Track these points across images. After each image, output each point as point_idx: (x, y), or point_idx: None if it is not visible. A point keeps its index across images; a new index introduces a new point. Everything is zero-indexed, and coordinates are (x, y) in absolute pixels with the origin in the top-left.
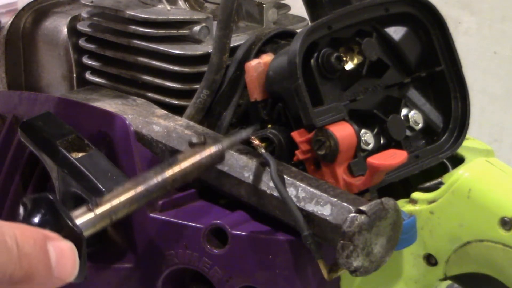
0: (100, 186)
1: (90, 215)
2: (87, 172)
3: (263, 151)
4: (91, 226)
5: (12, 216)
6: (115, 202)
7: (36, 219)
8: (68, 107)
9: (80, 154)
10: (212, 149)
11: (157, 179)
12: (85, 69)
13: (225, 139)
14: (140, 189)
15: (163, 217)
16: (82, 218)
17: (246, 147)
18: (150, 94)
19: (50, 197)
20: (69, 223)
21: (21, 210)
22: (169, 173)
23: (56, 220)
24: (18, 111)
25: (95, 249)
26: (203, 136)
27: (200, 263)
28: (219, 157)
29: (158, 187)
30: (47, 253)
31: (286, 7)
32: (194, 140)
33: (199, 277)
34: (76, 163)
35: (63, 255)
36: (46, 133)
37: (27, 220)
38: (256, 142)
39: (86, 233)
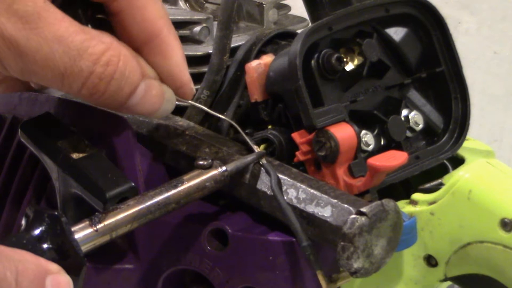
0: (100, 187)
1: (91, 231)
2: (87, 173)
3: (264, 161)
4: (90, 242)
5: (11, 218)
6: (117, 220)
7: (45, 246)
8: (68, 107)
9: (81, 155)
10: (217, 173)
11: (160, 199)
12: None
13: (231, 163)
14: (142, 208)
15: (163, 218)
16: (82, 233)
17: (246, 149)
18: None
19: (57, 215)
20: (76, 251)
21: (24, 221)
22: (173, 194)
23: (63, 246)
24: (18, 111)
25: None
26: (210, 159)
27: (200, 264)
28: (224, 181)
29: (161, 208)
30: None
31: (287, 7)
32: (200, 161)
33: (199, 278)
34: (77, 163)
35: None
36: (46, 133)
37: (30, 234)
38: (257, 150)
39: (84, 248)
